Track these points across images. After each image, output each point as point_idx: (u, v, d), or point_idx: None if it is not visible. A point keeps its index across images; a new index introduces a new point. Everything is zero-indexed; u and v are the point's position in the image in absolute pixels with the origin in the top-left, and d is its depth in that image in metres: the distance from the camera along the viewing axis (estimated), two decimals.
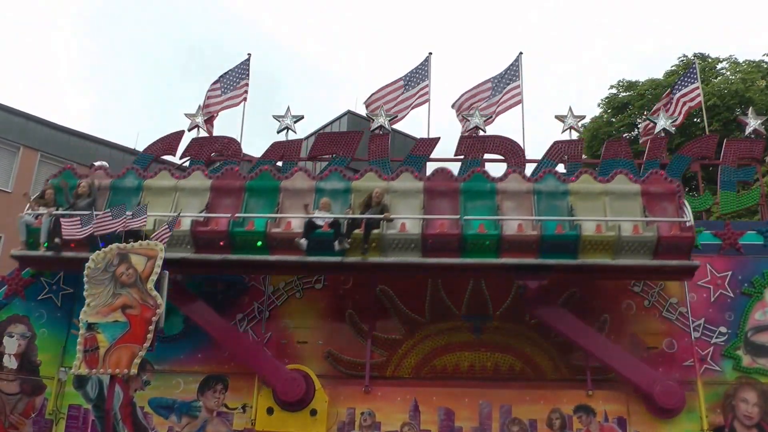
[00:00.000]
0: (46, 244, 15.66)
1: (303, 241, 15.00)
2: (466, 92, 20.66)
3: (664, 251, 15.04)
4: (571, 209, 15.61)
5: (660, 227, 15.13)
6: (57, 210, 15.86)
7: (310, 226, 15.07)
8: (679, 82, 20.88)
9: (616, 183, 16.00)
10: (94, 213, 15.19)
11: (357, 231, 15.11)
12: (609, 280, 16.27)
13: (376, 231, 15.12)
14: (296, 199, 16.06)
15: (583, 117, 19.46)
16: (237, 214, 15.65)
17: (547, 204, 15.77)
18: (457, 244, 15.15)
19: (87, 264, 13.71)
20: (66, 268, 16.37)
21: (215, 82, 20.79)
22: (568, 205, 15.72)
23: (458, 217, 15.31)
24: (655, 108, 21.08)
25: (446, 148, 18.79)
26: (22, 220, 15.98)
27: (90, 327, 13.18)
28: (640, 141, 21.79)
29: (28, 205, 16.24)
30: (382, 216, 15.09)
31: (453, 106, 20.57)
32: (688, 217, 15.21)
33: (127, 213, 14.94)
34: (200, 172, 16.83)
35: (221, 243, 15.51)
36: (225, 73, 20.88)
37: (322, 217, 15.24)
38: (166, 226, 14.80)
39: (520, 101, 19.83)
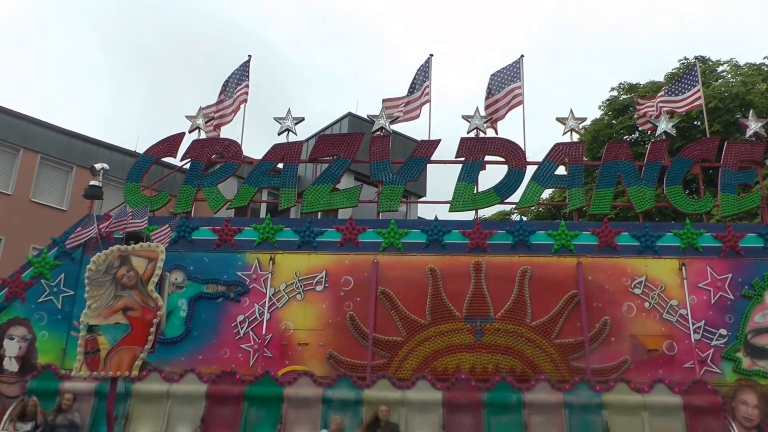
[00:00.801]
0: None
1: None
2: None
3: None
4: (606, 426, 14.32)
5: None
6: (36, 426, 14.16)
7: None
8: (677, 82, 20.85)
9: (655, 394, 14.58)
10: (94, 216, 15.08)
11: None
12: None
13: None
14: (302, 410, 14.71)
15: (584, 119, 19.51)
16: None
17: (580, 419, 14.38)
18: None
19: (88, 266, 13.72)
20: None
21: (220, 93, 20.82)
22: (603, 420, 14.37)
23: None
24: (644, 108, 21.06)
25: (447, 150, 18.83)
26: None
27: (91, 329, 13.16)
28: (638, 123, 21.78)
29: (5, 422, 14.43)
30: None
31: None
32: None
33: (128, 214, 14.98)
34: (194, 374, 15.25)
35: None
36: (227, 79, 20.91)
37: None
38: (168, 227, 14.81)
39: (522, 102, 19.86)
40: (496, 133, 19.58)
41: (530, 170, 18.28)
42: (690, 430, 14.26)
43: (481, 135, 18.79)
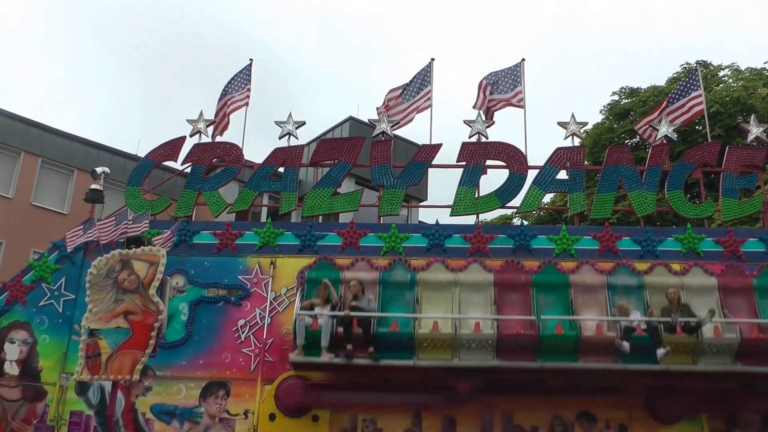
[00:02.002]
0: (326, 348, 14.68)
1: (626, 344, 14.41)
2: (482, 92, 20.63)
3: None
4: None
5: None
6: (333, 309, 15.12)
7: (627, 332, 14.52)
8: (679, 89, 20.86)
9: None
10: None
11: (673, 336, 14.65)
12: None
13: (690, 336, 14.69)
14: (587, 295, 15.65)
15: (586, 123, 19.52)
16: (543, 317, 15.06)
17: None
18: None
19: (89, 270, 13.73)
20: (350, 375, 15.46)
21: (222, 95, 20.81)
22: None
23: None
24: (649, 119, 21.06)
25: (448, 155, 18.82)
26: (301, 323, 14.79)
27: (92, 333, 13.18)
28: (636, 128, 21.81)
29: (300, 304, 15.25)
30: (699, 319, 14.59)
31: (475, 106, 20.56)
32: None
33: (129, 218, 14.97)
34: (478, 264, 16.25)
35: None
36: (228, 82, 20.90)
37: (637, 320, 14.73)
38: (169, 232, 14.81)
39: (523, 107, 19.86)
40: (490, 118, 19.53)
41: (531, 174, 18.26)
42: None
43: (483, 140, 18.79)
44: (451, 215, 18.11)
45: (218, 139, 19.89)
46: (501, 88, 20.38)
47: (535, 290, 15.79)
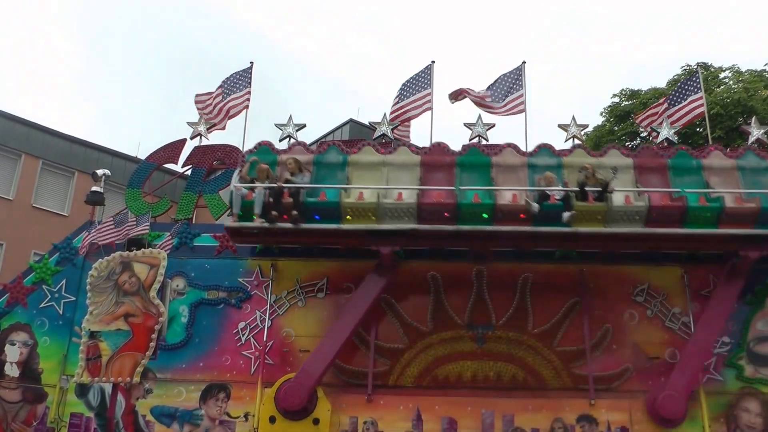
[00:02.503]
0: (258, 215, 15.61)
1: (535, 205, 15.29)
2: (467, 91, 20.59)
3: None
4: (564, 183, 16.29)
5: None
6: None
7: (543, 197, 15.43)
8: (679, 89, 20.81)
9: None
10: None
11: (583, 203, 15.45)
12: None
13: (600, 203, 15.54)
14: (509, 174, 16.54)
15: (586, 126, 19.46)
16: (462, 187, 15.89)
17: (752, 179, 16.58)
18: (679, 216, 15.71)
19: (90, 272, 13.74)
20: (279, 241, 16.63)
21: (216, 89, 20.73)
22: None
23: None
24: (651, 112, 21.05)
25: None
26: (237, 192, 15.68)
27: (92, 335, 13.20)
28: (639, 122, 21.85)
29: (237, 177, 16.16)
30: (608, 190, 15.45)
31: (450, 96, 20.53)
32: None
33: (130, 221, 14.99)
34: (406, 147, 17.23)
35: (446, 215, 15.75)
36: (226, 80, 20.83)
37: (554, 189, 15.55)
38: (169, 235, 14.83)
39: (524, 110, 19.81)
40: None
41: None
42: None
43: (483, 142, 18.75)
44: None
45: (218, 140, 19.89)
46: (498, 96, 20.30)
47: (459, 170, 16.56)
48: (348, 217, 15.70)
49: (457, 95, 20.17)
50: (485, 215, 15.61)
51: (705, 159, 16.78)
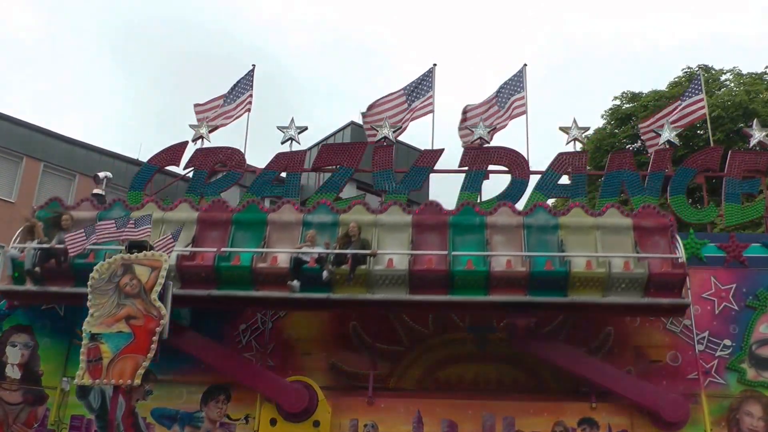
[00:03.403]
0: (24, 273, 15.40)
1: (296, 284, 14.90)
2: (472, 108, 20.62)
3: (655, 288, 14.93)
4: (561, 244, 15.42)
5: (651, 263, 15.01)
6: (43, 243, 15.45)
7: (298, 263, 14.94)
8: (686, 95, 20.83)
9: (607, 217, 15.86)
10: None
11: (343, 267, 15.03)
12: (599, 316, 16.04)
13: (362, 267, 15.05)
14: (284, 232, 16.00)
15: (588, 128, 19.47)
16: (223, 249, 15.51)
17: (538, 238, 15.59)
18: (446, 280, 15.08)
19: (91, 275, 13.71)
20: (51, 301, 16.48)
21: (220, 97, 20.80)
22: (559, 240, 15.54)
23: (446, 252, 15.22)
24: (654, 119, 21.06)
25: (450, 160, 18.82)
26: (7, 254, 15.63)
27: (93, 337, 13.16)
28: (641, 130, 21.76)
29: (15, 239, 15.86)
30: (368, 252, 14.98)
31: (460, 127, 20.51)
32: (680, 253, 15.10)
33: (131, 222, 14.94)
34: (187, 203, 16.67)
35: (204, 277, 15.40)
36: (231, 88, 20.90)
37: (308, 252, 15.05)
38: (170, 236, 14.79)
39: (524, 112, 19.83)
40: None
41: (533, 180, 18.25)
42: (639, 246, 15.37)
43: (485, 144, 18.78)
44: None
45: (219, 143, 19.88)
46: (504, 100, 20.34)
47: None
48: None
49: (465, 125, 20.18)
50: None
51: (490, 216, 15.94)
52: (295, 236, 15.85)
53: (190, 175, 18.98)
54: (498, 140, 19.23)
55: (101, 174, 18.33)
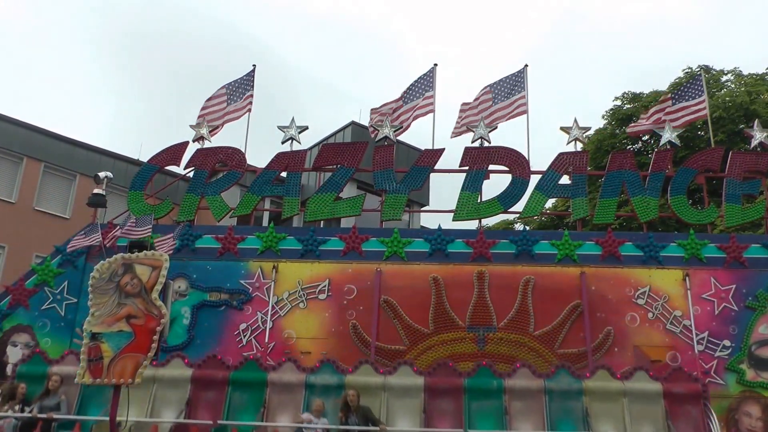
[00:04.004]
0: None
1: None
2: (467, 106, 20.65)
3: None
4: (586, 413, 14.11)
5: None
6: (24, 409, 14.08)
7: None
8: (681, 90, 20.81)
9: (635, 381, 14.37)
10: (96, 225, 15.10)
11: None
12: None
13: None
14: (285, 394, 14.66)
15: (588, 129, 19.52)
16: (219, 422, 14.09)
17: (561, 406, 14.22)
18: None
19: (92, 274, 13.71)
20: None
21: (220, 90, 20.78)
22: (584, 408, 14.17)
23: (461, 430, 13.88)
24: (653, 111, 21.09)
25: (451, 159, 18.85)
26: None
27: (94, 337, 13.14)
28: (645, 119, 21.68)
29: None
30: (375, 429, 13.40)
31: (457, 124, 20.53)
32: (715, 428, 13.97)
33: (131, 222, 14.99)
34: (180, 359, 15.14)
35: None
36: (230, 83, 20.92)
37: (314, 427, 13.62)
38: (171, 236, 14.81)
39: (526, 112, 19.87)
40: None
41: (534, 180, 18.32)
42: (670, 415, 14.02)
43: (486, 144, 18.81)
44: (453, 220, 18.12)
45: (220, 142, 19.91)
46: (502, 97, 20.36)
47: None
48: None
49: (462, 125, 20.18)
50: None
51: (509, 379, 14.49)
52: (298, 400, 14.52)
53: (191, 175, 18.98)
54: (499, 140, 19.27)
55: (101, 174, 18.34)
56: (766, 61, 62.55)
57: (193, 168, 18.96)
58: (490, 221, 28.56)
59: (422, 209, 29.82)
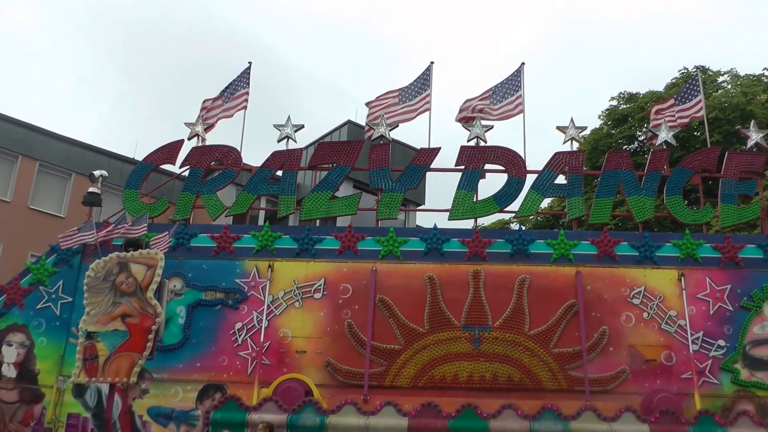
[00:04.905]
0: None
1: None
2: (467, 102, 20.67)
3: None
4: None
5: None
6: None
7: None
8: (681, 93, 20.87)
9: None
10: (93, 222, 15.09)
11: None
12: None
13: None
14: None
15: (585, 128, 19.55)
16: None
17: None
18: None
19: (87, 273, 13.71)
20: None
21: (217, 96, 20.78)
22: None
23: None
24: (656, 110, 21.13)
25: (447, 158, 18.86)
26: None
27: (89, 336, 13.15)
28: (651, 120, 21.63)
29: None
30: None
31: (456, 119, 20.55)
32: None
33: (127, 221, 14.95)
34: (392, 407, 14.45)
35: None
36: (227, 86, 20.89)
37: None
38: (166, 233, 14.79)
39: (522, 111, 19.89)
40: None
41: (530, 179, 18.30)
42: None
43: (482, 143, 18.82)
44: (449, 219, 18.13)
45: (215, 141, 19.88)
46: (499, 97, 20.38)
47: None
48: None
49: (464, 118, 20.19)
50: None
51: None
52: None
53: (186, 173, 18.95)
54: (495, 139, 19.27)
55: (96, 172, 18.27)
56: (763, 62, 62.52)
57: (188, 166, 18.92)
58: (485, 220, 28.61)
59: (418, 208, 29.85)
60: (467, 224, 18.40)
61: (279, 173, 18.87)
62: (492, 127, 19.42)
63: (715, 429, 13.93)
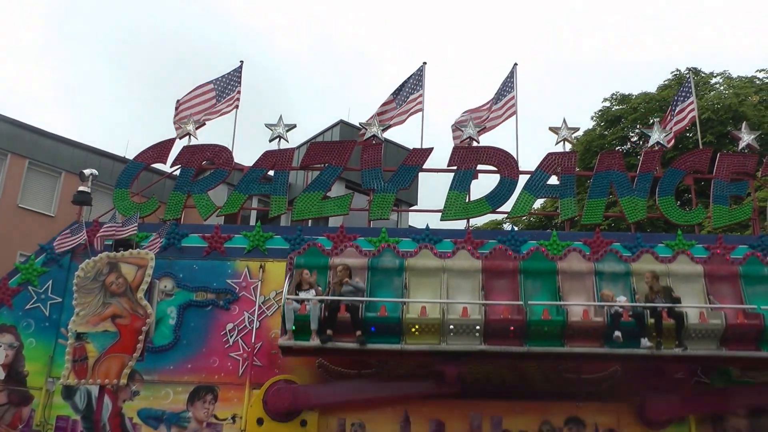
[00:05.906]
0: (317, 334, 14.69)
1: (617, 333, 14.48)
2: (467, 111, 20.65)
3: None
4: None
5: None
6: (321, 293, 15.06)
7: (616, 319, 14.63)
8: (677, 98, 20.90)
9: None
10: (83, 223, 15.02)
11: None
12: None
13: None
14: (574, 281, 15.74)
15: (577, 129, 19.52)
16: (530, 302, 15.16)
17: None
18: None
19: (77, 273, 13.62)
20: (335, 361, 15.76)
21: (207, 85, 20.56)
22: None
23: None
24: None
25: (439, 159, 18.81)
26: (289, 307, 14.75)
27: (79, 337, 13.08)
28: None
29: (287, 289, 15.25)
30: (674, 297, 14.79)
31: (453, 126, 20.50)
32: None
33: (116, 221, 14.89)
34: (466, 251, 16.21)
35: (512, 328, 14.90)
36: (216, 79, 20.73)
37: (623, 306, 14.87)
38: (157, 235, 14.71)
39: (515, 112, 19.87)
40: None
41: (522, 180, 18.26)
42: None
43: (474, 144, 18.78)
44: (441, 219, 18.07)
45: (207, 140, 19.78)
46: (494, 100, 20.39)
47: (523, 277, 15.78)
48: (414, 330, 14.96)
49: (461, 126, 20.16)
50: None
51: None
52: (588, 286, 15.69)
53: (177, 172, 18.83)
54: (488, 140, 19.25)
55: (86, 171, 18.13)
56: (755, 64, 62.76)
57: (179, 166, 18.81)
58: (478, 221, 28.59)
59: (410, 209, 29.77)
60: (460, 225, 18.33)
61: (271, 173, 18.77)
62: (484, 127, 19.42)
63: (762, 268, 15.95)
